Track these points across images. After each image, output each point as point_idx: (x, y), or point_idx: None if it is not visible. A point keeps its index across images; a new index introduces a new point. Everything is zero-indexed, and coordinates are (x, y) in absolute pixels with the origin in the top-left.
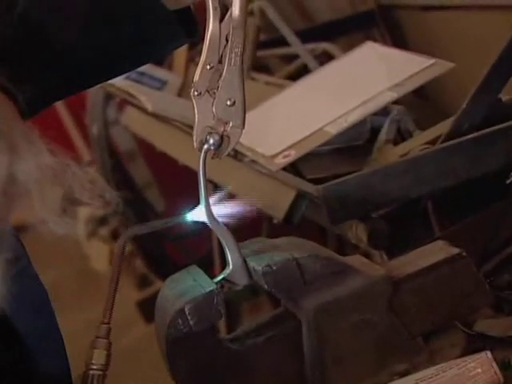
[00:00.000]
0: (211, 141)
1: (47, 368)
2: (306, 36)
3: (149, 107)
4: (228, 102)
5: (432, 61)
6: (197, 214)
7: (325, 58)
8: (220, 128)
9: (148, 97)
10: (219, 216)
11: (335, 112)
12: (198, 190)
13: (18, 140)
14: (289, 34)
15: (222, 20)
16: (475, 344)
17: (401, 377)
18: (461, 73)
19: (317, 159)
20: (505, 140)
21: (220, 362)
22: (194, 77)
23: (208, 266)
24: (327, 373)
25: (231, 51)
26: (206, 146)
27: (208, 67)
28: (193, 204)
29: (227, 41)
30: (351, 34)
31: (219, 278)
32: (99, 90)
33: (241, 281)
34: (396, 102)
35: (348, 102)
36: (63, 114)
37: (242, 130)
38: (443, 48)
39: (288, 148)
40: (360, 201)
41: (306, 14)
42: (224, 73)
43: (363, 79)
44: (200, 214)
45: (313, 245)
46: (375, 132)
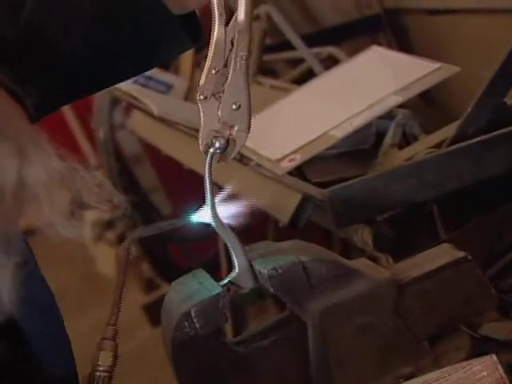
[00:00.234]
0: (217, 144)
1: (54, 370)
2: (312, 40)
3: (155, 111)
4: (234, 106)
5: (437, 65)
6: (202, 217)
7: (330, 62)
8: (226, 132)
9: (154, 101)
10: (225, 219)
11: (340, 116)
12: (204, 194)
13: (27, 144)
14: (294, 38)
15: (228, 24)
16: (480, 347)
17: (406, 380)
18: (466, 77)
19: (322, 163)
20: (510, 143)
21: (226, 365)
22: (200, 81)
23: (214, 270)
24: (332, 376)
25: (236, 55)
26: (212, 150)
27: (213, 71)
28: (199, 207)
29: (232, 45)
30: (357, 38)
31: (225, 282)
32: (106, 94)
33: (246, 284)
34: (401, 106)
35: (353, 106)
36: (70, 118)
37: (248, 134)
38: (449, 52)
39: (293, 152)
40: (365, 204)
41: (312, 18)
42: (229, 77)
43: (369, 83)
44: (206, 217)
45: (318, 248)
46: (380, 136)
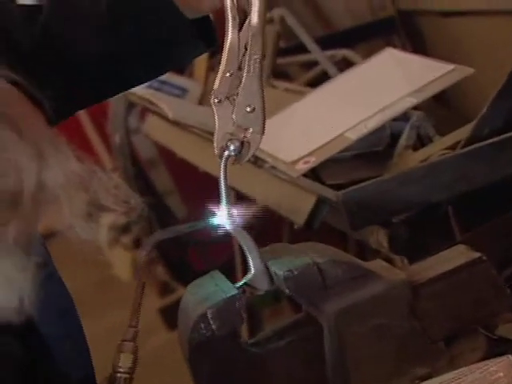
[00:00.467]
0: (232, 147)
1: (72, 372)
2: (326, 43)
3: (170, 115)
4: (248, 109)
5: (451, 66)
6: (219, 220)
7: (344, 65)
8: (240, 134)
9: (169, 105)
10: (240, 222)
11: (355, 118)
12: (220, 197)
13: (46, 147)
14: (308, 41)
15: (241, 28)
16: (497, 348)
17: (422, 381)
18: (481, 78)
19: (337, 165)
20: None
21: (242, 366)
22: (214, 84)
23: (229, 273)
24: (348, 377)
25: (250, 58)
26: (227, 153)
27: (228, 74)
28: (214, 210)
29: (246, 48)
30: (371, 41)
31: (241, 283)
32: (121, 99)
33: (262, 286)
34: (416, 108)
35: (368, 108)
36: (85, 123)
37: (262, 136)
38: (463, 54)
39: (308, 154)
40: (380, 206)
41: (326, 21)
42: (243, 80)
43: (383, 85)
44: (222, 220)
45: (333, 250)
46: (395, 137)
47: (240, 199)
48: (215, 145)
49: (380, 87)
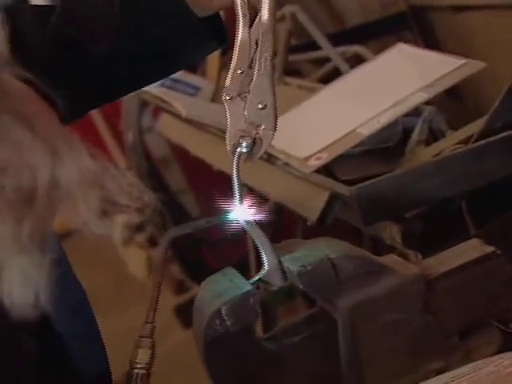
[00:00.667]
0: (244, 144)
1: (87, 368)
2: (337, 39)
3: (182, 113)
4: (259, 106)
5: (463, 61)
6: (233, 216)
7: (356, 61)
8: (252, 131)
9: (182, 103)
10: (254, 218)
11: (367, 114)
12: (233, 194)
13: (60, 144)
14: (320, 38)
15: (252, 25)
16: (511, 342)
17: (436, 375)
18: (493, 73)
19: (349, 161)
20: None
21: (256, 362)
22: (226, 82)
23: (243, 270)
24: (363, 371)
25: (261, 56)
26: (239, 150)
27: (239, 72)
28: (228, 208)
29: (257, 45)
30: (382, 37)
31: (255, 279)
32: (134, 98)
33: (276, 281)
34: (428, 103)
35: (380, 104)
36: (99, 122)
37: (274, 133)
38: (476, 48)
39: (321, 150)
40: (393, 201)
41: (337, 18)
42: (254, 77)
43: (395, 80)
44: (235, 217)
45: (347, 245)
46: (407, 133)
47: (253, 196)
48: (227, 142)
49: (392, 82)
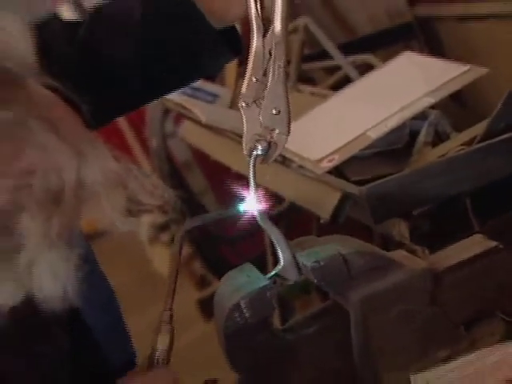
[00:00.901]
0: (259, 147)
1: (115, 359)
2: (347, 48)
3: (203, 119)
4: (274, 111)
5: (466, 67)
6: (248, 216)
7: (365, 69)
8: (267, 135)
9: (202, 110)
10: (269, 215)
11: (376, 117)
12: (250, 195)
13: (85, 147)
14: (331, 48)
15: (265, 36)
16: None
17: (443, 363)
18: (495, 78)
19: (359, 162)
20: None
21: (274, 351)
22: (242, 89)
23: (261, 266)
24: (374, 360)
25: (274, 64)
26: (255, 153)
27: (254, 80)
28: (245, 207)
29: (270, 55)
30: (390, 46)
31: (271, 274)
32: (157, 105)
33: (291, 276)
34: (433, 107)
35: (388, 108)
36: (125, 128)
37: (288, 136)
38: (478, 55)
39: (332, 152)
40: (401, 200)
41: (347, 28)
42: (269, 84)
43: (402, 86)
44: (251, 216)
45: (357, 241)
46: (414, 135)
47: (269, 196)
48: (244, 145)
49: (399, 88)
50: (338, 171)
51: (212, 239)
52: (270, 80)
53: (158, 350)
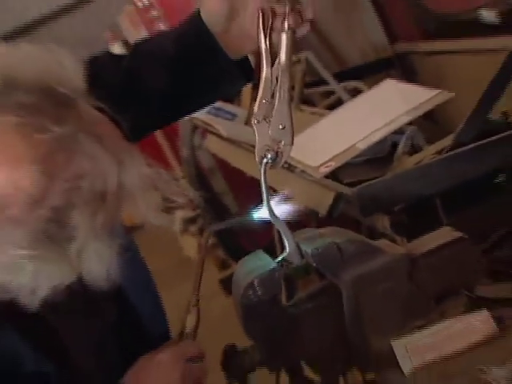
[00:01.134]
0: (269, 156)
1: (154, 330)
2: (340, 76)
3: (224, 134)
4: (280, 126)
5: (436, 92)
6: (261, 213)
7: (355, 93)
8: (275, 146)
9: (223, 126)
10: (278, 212)
11: (363, 132)
12: (261, 195)
13: (124, 156)
14: (327, 76)
15: (273, 65)
16: (476, 305)
17: (418, 329)
18: (460, 101)
19: (351, 168)
20: (494, 149)
21: (281, 323)
22: (254, 109)
23: (270, 253)
24: (363, 328)
25: (280, 89)
26: (265, 160)
27: (264, 101)
28: (258, 205)
29: (277, 81)
30: (375, 75)
31: (279, 259)
32: (187, 122)
33: (295, 260)
34: (410, 124)
35: (373, 124)
36: (161, 141)
37: (292, 147)
38: (446, 82)
39: (329, 160)
40: (384, 199)
41: (340, 60)
42: (276, 105)
43: (384, 107)
44: (263, 212)
45: (349, 232)
46: (394, 146)
47: (277, 196)
48: (256, 154)
49: (382, 108)
50: (334, 175)
51: (232, 231)
52: (277, 101)
53: (187, 328)
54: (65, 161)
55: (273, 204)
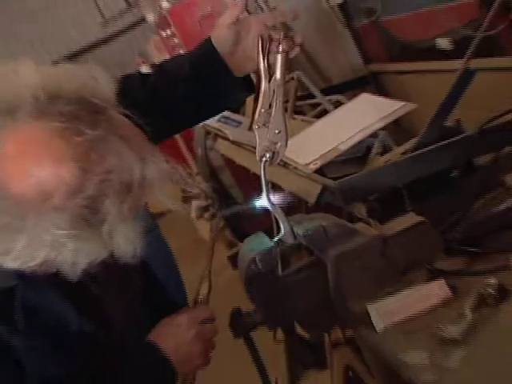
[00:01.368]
0: (267, 155)
1: (175, 297)
2: (326, 91)
3: (231, 137)
4: (276, 131)
5: (403, 103)
6: (261, 201)
7: (337, 104)
8: (272, 147)
9: (230, 131)
10: (274, 200)
11: (344, 136)
12: (261, 187)
13: (146, 154)
14: (315, 91)
15: (270, 81)
16: (434, 275)
17: (389, 295)
18: (421, 111)
19: (334, 165)
20: (449, 150)
21: (277, 290)
22: (255, 117)
23: (269, 234)
24: (343, 295)
25: (276, 100)
26: (264, 159)
27: (263, 110)
28: (259, 195)
29: (274, 94)
30: (353, 90)
31: (276, 239)
32: (201, 128)
33: (289, 240)
34: (382, 129)
35: (352, 130)
36: (180, 143)
37: (286, 148)
38: (411, 96)
39: (316, 159)
40: (361, 190)
41: (325, 78)
42: (273, 114)
43: (361, 115)
44: (263, 201)
45: (333, 217)
46: (369, 148)
47: (274, 188)
48: (257, 154)
49: (359, 117)
50: (320, 171)
51: (237, 217)
52: (274, 111)
53: (201, 295)
54: (98, 158)
55: (271, 194)
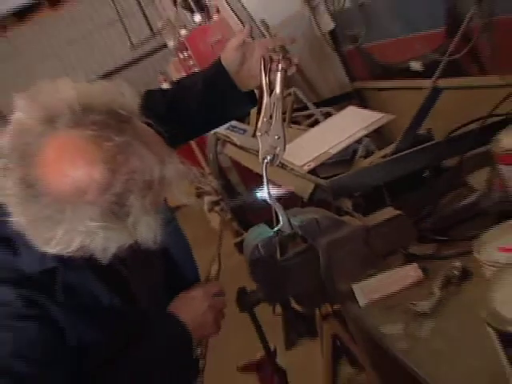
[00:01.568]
0: (268, 157)
1: (190, 277)
2: (318, 105)
3: (237, 143)
4: (276, 137)
5: (383, 114)
6: (262, 196)
7: (328, 115)
8: (272, 151)
9: (237, 138)
10: (274, 196)
11: (334, 141)
12: (263, 185)
13: (165, 157)
14: (309, 104)
15: (271, 95)
16: (409, 259)
17: (371, 276)
18: (398, 121)
19: (325, 166)
20: (422, 154)
21: (277, 272)
22: (258, 126)
23: (269, 225)
24: (333, 277)
25: (276, 111)
26: (266, 161)
27: (265, 120)
28: (261, 191)
29: (274, 106)
30: (341, 103)
31: (275, 229)
32: (212, 135)
33: (287, 230)
34: (366, 136)
35: (340, 136)
36: (195, 147)
37: (284, 152)
38: (390, 109)
39: (310, 161)
40: (348, 187)
41: (317, 93)
42: (273, 123)
43: (348, 124)
44: (264, 196)
45: (324, 211)
46: (355, 152)
47: (274, 186)
48: (259, 157)
49: (346, 125)
50: (313, 171)
51: (243, 210)
52: (274, 120)
53: (212, 273)
54: (124, 161)
55: (271, 191)
